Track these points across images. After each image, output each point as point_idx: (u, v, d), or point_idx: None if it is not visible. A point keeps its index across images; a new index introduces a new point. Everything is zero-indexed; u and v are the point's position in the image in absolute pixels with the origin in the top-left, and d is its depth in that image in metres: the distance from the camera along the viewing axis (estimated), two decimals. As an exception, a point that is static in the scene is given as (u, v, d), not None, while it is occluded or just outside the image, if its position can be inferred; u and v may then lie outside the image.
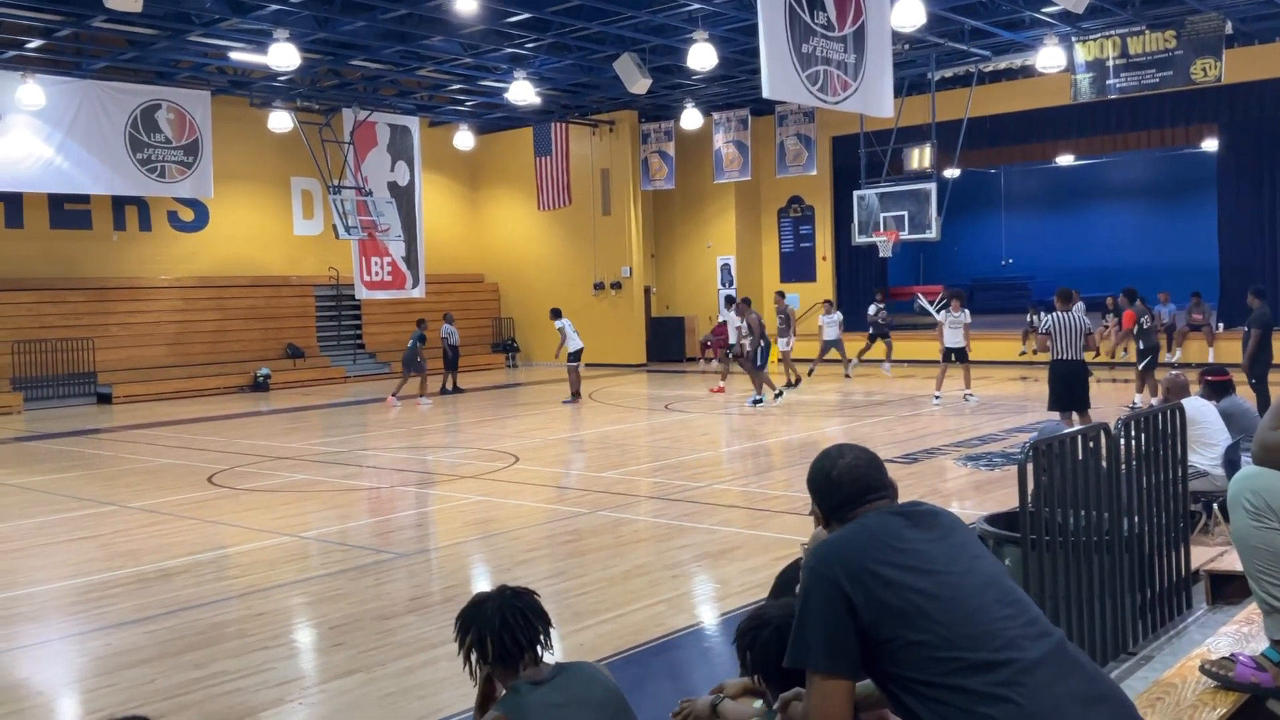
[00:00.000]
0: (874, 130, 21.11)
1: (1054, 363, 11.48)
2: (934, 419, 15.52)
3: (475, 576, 7.97)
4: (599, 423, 16.94)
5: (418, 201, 24.96)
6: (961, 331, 17.71)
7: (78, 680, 5.88)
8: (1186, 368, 13.78)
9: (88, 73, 20.06)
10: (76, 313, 22.41)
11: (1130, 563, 4.94)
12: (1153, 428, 5.23)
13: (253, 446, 14.81)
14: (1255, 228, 21.92)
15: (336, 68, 20.98)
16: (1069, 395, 11.39)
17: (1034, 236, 35.36)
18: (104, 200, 22.74)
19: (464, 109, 25.85)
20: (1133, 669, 4.81)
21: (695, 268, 28.47)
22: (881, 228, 20.88)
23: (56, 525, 9.91)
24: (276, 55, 16.95)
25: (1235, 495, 3.64)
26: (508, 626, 2.81)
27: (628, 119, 27.01)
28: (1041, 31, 18.79)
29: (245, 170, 24.52)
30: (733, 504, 9.96)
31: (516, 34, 18.48)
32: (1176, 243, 30.19)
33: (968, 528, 2.81)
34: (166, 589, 7.46)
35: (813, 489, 2.88)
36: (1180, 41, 17.88)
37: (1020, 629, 2.52)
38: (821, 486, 2.85)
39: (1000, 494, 9.45)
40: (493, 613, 2.82)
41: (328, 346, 26.69)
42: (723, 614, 6.55)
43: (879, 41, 14.62)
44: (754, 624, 2.91)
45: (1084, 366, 11.49)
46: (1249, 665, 3.79)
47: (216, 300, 24.49)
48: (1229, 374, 8.34)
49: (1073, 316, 11.40)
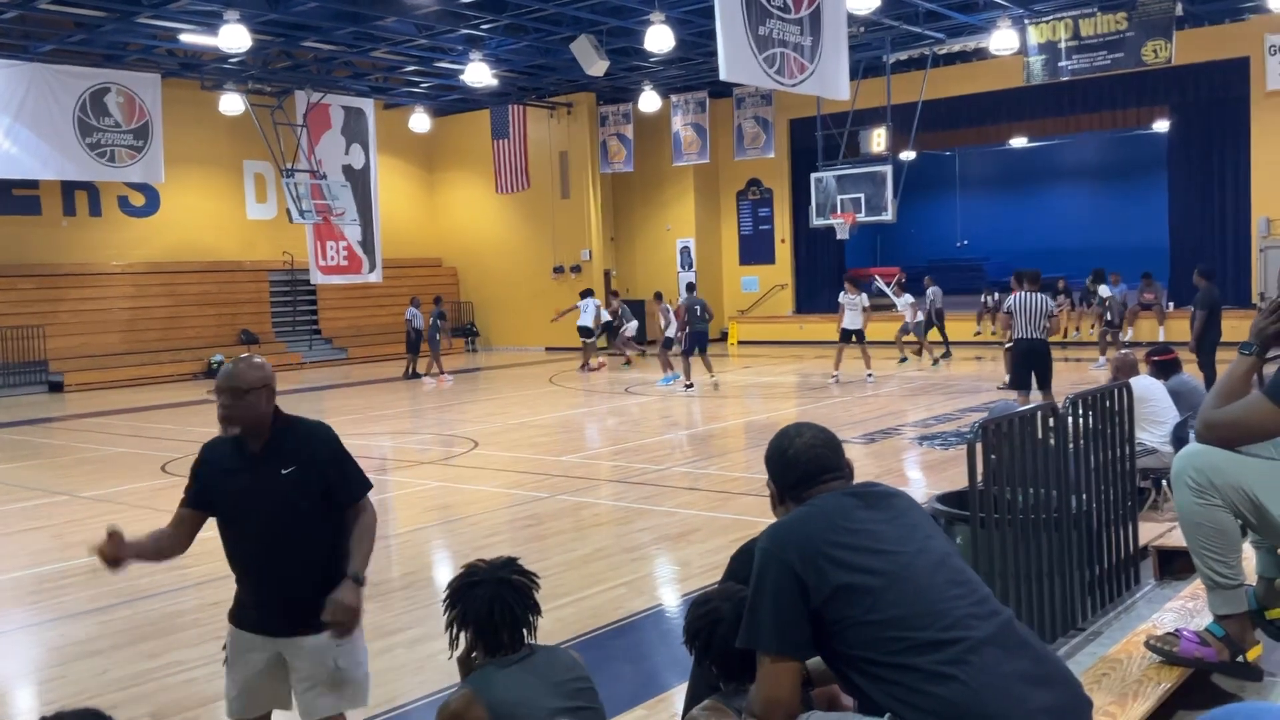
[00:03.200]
0: (831, 113, 21.19)
1: (1015, 340, 11.64)
2: (890, 400, 15.65)
3: (435, 563, 7.95)
4: (559, 407, 16.93)
5: (373, 185, 24.73)
6: (860, 314, 18.09)
7: (30, 672, 5.82)
8: (1137, 346, 13.98)
9: (35, 55, 19.67)
10: (26, 300, 22.02)
11: (1079, 540, 5.01)
12: (1101, 406, 5.31)
13: (207, 434, 14.59)
14: (1204, 208, 22.25)
15: (288, 49, 20.71)
16: (1028, 374, 11.53)
17: (988, 218, 35.67)
18: (53, 185, 22.34)
19: (419, 91, 25.61)
20: (1081, 644, 4.89)
21: (655, 251, 28.47)
22: (839, 210, 20.99)
23: (8, 515, 9.77)
24: (227, 37, 16.72)
25: (1179, 473, 3.70)
26: (491, 620, 2.82)
27: (585, 101, 26.91)
28: (995, 14, 18.92)
29: (197, 154, 24.17)
30: (692, 486, 10.01)
31: (472, 15, 18.33)
32: (1128, 223, 30.58)
33: (921, 508, 2.85)
34: (120, 579, 7.32)
35: (771, 465, 2.88)
36: (1131, 23, 18.08)
37: (969, 608, 2.56)
38: (778, 464, 2.86)
39: (954, 473, 9.55)
40: (483, 601, 2.83)
41: (283, 332, 26.42)
42: (683, 595, 6.58)
43: (835, 24, 14.67)
44: (708, 620, 2.90)
45: (1045, 345, 11.59)
46: (1193, 640, 3.86)
47: (169, 286, 24.15)
48: (1174, 353, 8.48)
49: (1034, 296, 11.47)
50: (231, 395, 3.48)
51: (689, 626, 2.93)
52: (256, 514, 3.50)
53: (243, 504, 3.52)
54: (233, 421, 3.51)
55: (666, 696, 4.78)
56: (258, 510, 3.50)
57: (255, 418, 3.51)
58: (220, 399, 3.49)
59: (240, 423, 3.50)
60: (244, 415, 3.50)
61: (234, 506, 3.55)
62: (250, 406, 3.49)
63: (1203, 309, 12.98)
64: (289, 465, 3.50)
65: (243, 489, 3.51)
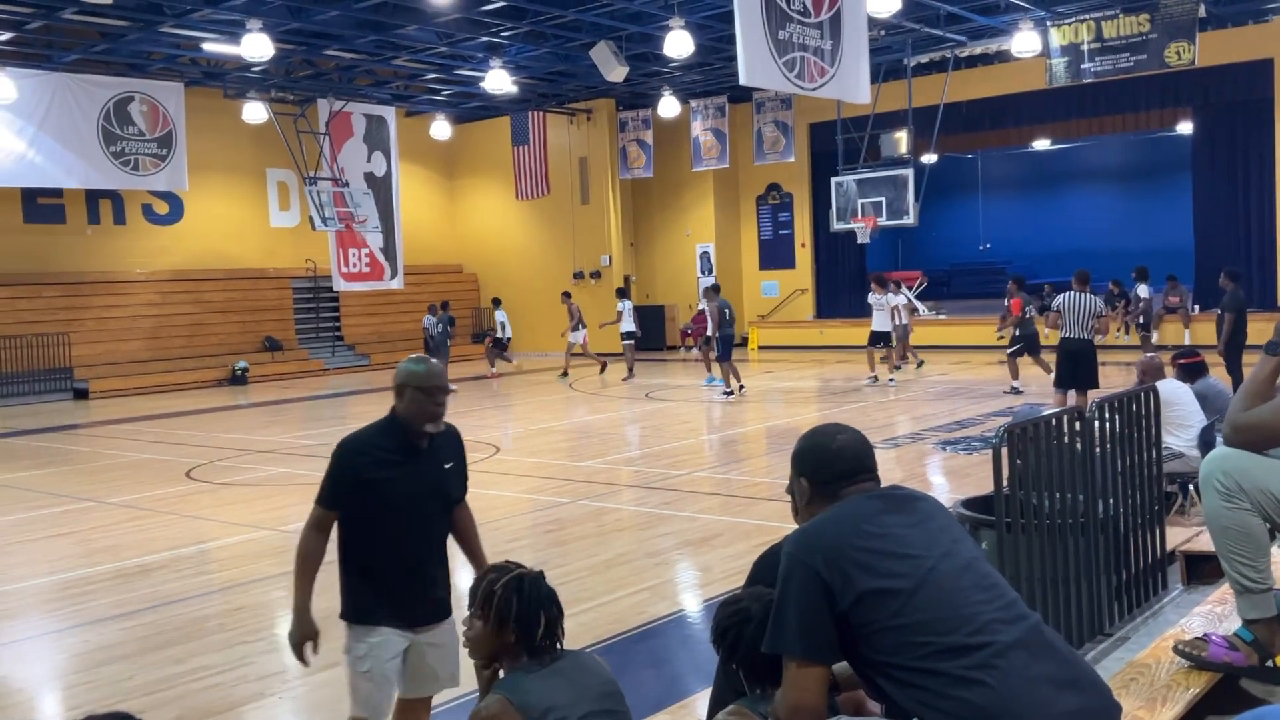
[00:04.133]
0: (851, 116, 21.14)
1: (1062, 340, 11.91)
2: (913, 404, 15.58)
3: (458, 567, 7.95)
4: (580, 412, 16.93)
5: (395, 192, 24.83)
6: (887, 314, 18.38)
7: (57, 677, 5.86)
8: (1163, 350, 13.88)
9: (59, 65, 19.85)
10: (51, 308, 22.22)
11: (1106, 544, 4.97)
12: (1128, 410, 5.27)
13: (231, 440, 14.74)
14: (1229, 210, 22.06)
15: (311, 58, 20.84)
16: (1074, 373, 11.75)
17: (1011, 221, 35.51)
18: (78, 194, 22.53)
19: (440, 98, 25.72)
20: (1109, 650, 4.85)
21: (674, 256, 28.46)
22: (859, 214, 20.93)
23: (33, 522, 9.85)
24: (250, 46, 16.83)
25: (1207, 476, 3.67)
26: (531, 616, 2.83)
27: (605, 107, 26.95)
28: (1016, 16, 18.83)
29: (220, 162, 24.34)
30: (713, 491, 9.98)
31: (492, 22, 18.40)
32: (1152, 226, 30.37)
33: (947, 512, 2.82)
34: (146, 584, 7.43)
35: (810, 460, 2.83)
36: (1154, 25, 17.95)
37: (996, 613, 2.53)
38: (821, 457, 2.81)
39: (978, 478, 9.50)
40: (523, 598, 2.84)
41: (306, 339, 26.55)
42: (705, 600, 6.57)
43: (855, 27, 14.63)
44: (737, 619, 2.89)
45: (1091, 346, 11.80)
46: (1221, 645, 3.82)
47: (193, 293, 24.32)
48: (1200, 356, 8.40)
49: (1084, 297, 11.74)
50: (443, 393, 3.71)
51: (717, 624, 2.92)
52: (420, 506, 3.72)
53: (408, 496, 3.70)
54: (441, 419, 3.73)
55: (689, 702, 4.76)
56: (422, 502, 3.72)
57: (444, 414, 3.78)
58: (435, 397, 3.68)
59: (442, 419, 3.75)
60: (444, 412, 3.76)
61: (398, 499, 3.69)
62: (446, 404, 3.75)
63: (1230, 311, 12.88)
64: (450, 460, 3.81)
65: (410, 481, 3.68)
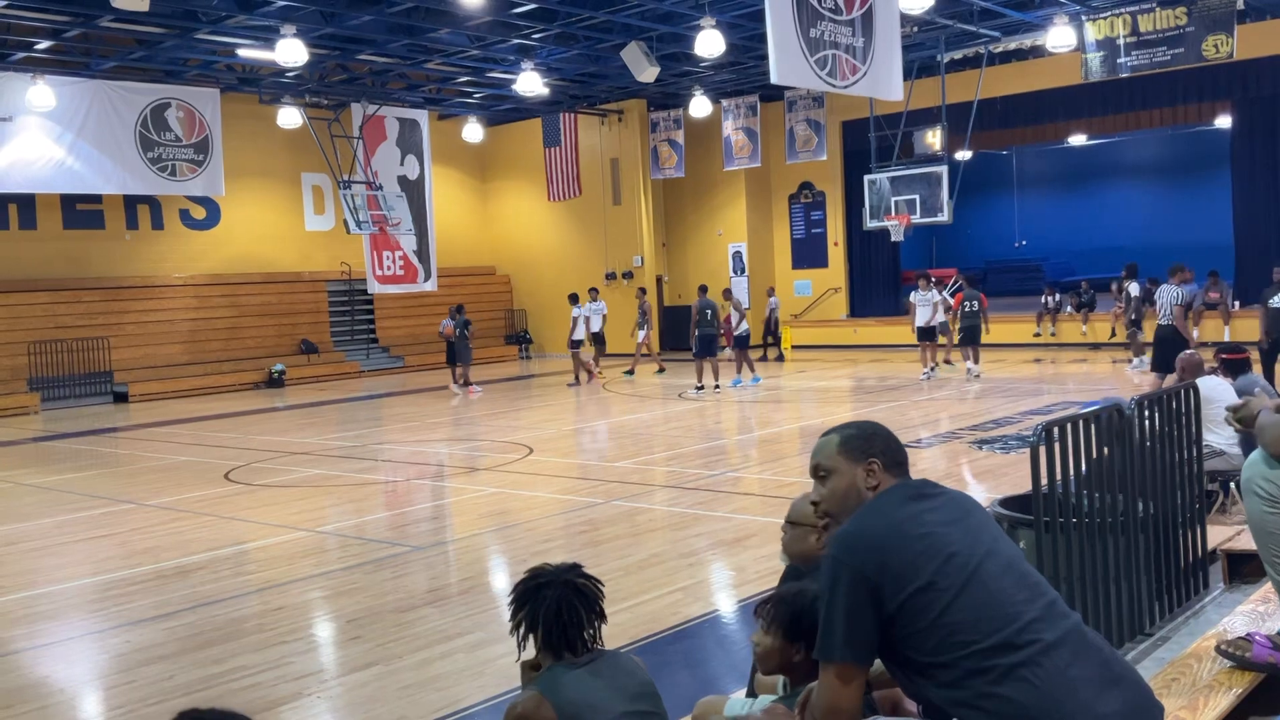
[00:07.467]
0: (884, 114, 21.02)
1: (1158, 327, 13.53)
2: (948, 402, 15.47)
3: (492, 568, 7.99)
4: (613, 413, 16.95)
5: (428, 195, 24.98)
6: (930, 310, 18.87)
7: (98, 678, 5.92)
8: (1204, 346, 13.71)
9: (97, 73, 20.13)
10: (91, 312, 22.52)
11: (1146, 544, 4.91)
12: (1168, 408, 5.20)
13: (268, 442, 14.87)
14: (1270, 205, 21.75)
15: (344, 62, 21.00)
16: (1164, 358, 12.56)
17: (1047, 218, 35.15)
18: (116, 200, 22.83)
19: (472, 101, 25.84)
20: (1149, 650, 4.79)
21: (707, 256, 28.40)
22: (893, 212, 20.82)
23: (75, 524, 9.97)
24: (284, 51, 16.98)
25: (1248, 480, 3.62)
26: (560, 621, 2.82)
27: (636, 108, 26.95)
28: (1051, 10, 18.66)
29: (256, 167, 24.58)
30: (747, 491, 9.96)
31: (523, 25, 18.46)
32: (1191, 221, 29.95)
33: (985, 510, 2.79)
34: (185, 585, 7.50)
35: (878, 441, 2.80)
36: (1191, 18, 17.72)
37: (1038, 612, 2.51)
38: (885, 436, 2.82)
39: (1015, 477, 9.42)
40: (551, 602, 2.84)
41: (341, 341, 26.76)
42: (739, 601, 6.55)
43: (887, 24, 14.55)
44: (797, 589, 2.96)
45: (1174, 332, 12.99)
46: (1265, 645, 3.77)
47: (230, 297, 24.58)
48: (1246, 352, 8.28)
49: (1175, 288, 13.49)
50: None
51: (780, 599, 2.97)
52: None
53: None
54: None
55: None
56: None
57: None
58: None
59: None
60: None
61: None
62: None
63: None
64: None
65: None
